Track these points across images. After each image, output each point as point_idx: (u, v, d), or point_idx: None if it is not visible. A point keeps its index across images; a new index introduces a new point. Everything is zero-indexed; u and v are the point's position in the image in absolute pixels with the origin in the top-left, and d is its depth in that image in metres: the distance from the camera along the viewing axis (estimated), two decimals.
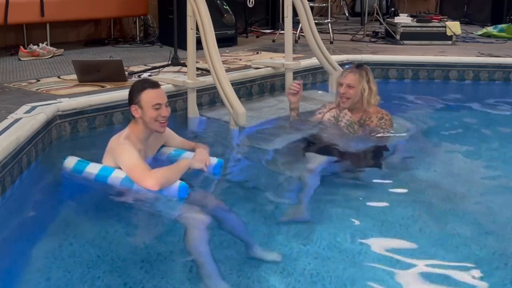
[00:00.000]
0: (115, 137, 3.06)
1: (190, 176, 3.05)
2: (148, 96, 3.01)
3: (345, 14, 9.95)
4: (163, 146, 3.31)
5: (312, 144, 3.69)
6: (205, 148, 3.28)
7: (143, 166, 2.87)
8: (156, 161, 3.19)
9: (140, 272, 2.45)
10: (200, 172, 3.12)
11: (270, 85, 5.30)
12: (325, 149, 3.55)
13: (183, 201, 2.84)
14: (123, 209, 2.91)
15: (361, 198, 3.17)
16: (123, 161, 2.92)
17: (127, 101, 3.12)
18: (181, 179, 2.91)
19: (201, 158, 3.11)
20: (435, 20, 7.33)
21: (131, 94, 3.06)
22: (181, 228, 2.62)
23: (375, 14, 7.83)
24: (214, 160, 3.22)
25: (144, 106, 3.01)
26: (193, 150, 3.28)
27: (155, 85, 3.08)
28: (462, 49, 6.80)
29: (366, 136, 3.72)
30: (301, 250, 2.65)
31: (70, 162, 3.13)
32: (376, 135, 3.73)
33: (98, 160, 3.09)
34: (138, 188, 2.87)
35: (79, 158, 3.14)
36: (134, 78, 4.88)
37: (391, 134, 3.81)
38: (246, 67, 5.40)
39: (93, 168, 3.03)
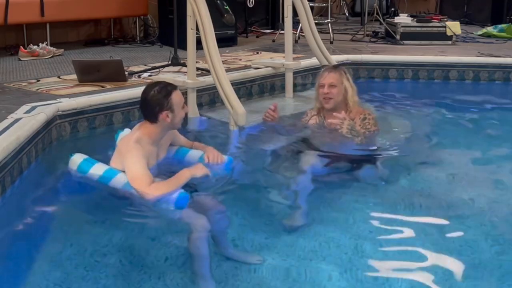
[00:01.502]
0: (125, 138, 3.03)
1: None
2: (177, 98, 3.02)
3: (345, 14, 9.95)
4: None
5: (304, 146, 3.68)
6: (205, 147, 3.30)
7: (145, 177, 2.82)
8: (165, 159, 3.17)
9: (139, 274, 2.45)
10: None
11: (270, 85, 5.30)
12: (317, 151, 3.54)
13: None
14: (123, 210, 2.89)
15: (356, 199, 3.17)
16: (128, 166, 2.88)
17: (127, 101, 3.11)
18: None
19: (212, 156, 3.15)
20: (435, 20, 7.33)
21: (159, 102, 2.98)
22: (181, 230, 2.62)
23: (375, 14, 7.83)
24: (224, 158, 3.20)
25: (176, 109, 3.00)
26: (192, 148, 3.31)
27: (174, 86, 3.09)
28: (462, 49, 6.80)
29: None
30: (297, 251, 2.65)
31: (76, 160, 3.08)
32: (367, 136, 3.68)
33: (101, 159, 3.09)
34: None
35: (85, 157, 3.10)
36: (134, 78, 4.89)
37: (389, 134, 3.79)
38: (246, 67, 5.40)
39: (97, 170, 3.00)
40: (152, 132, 3.02)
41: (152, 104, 3.00)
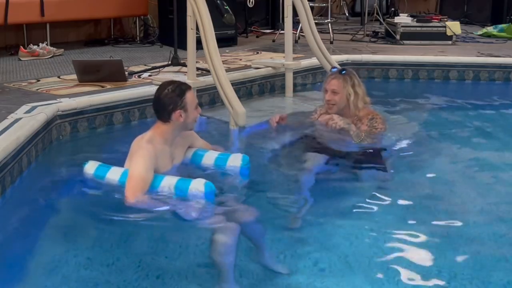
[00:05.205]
0: (138, 138, 2.99)
1: (216, 180, 2.98)
2: (190, 98, 3.00)
3: (345, 14, 9.95)
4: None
5: (309, 144, 3.68)
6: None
7: (141, 183, 2.80)
8: (183, 163, 3.14)
9: (136, 272, 2.44)
10: (226, 175, 3.11)
11: (270, 85, 5.31)
12: (322, 150, 3.54)
13: (211, 207, 2.78)
14: (128, 210, 2.88)
15: (358, 198, 3.16)
16: (133, 164, 2.87)
17: (127, 101, 3.10)
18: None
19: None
20: (435, 20, 7.33)
21: (172, 101, 2.96)
22: (204, 235, 2.61)
23: (375, 14, 7.83)
24: (238, 158, 3.13)
25: (189, 109, 2.98)
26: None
27: (188, 85, 3.07)
28: (462, 49, 6.80)
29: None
30: (299, 252, 2.64)
31: (91, 167, 3.06)
32: (372, 137, 3.69)
33: (102, 159, 3.09)
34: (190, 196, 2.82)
35: (100, 163, 3.08)
36: (134, 78, 4.89)
37: (389, 135, 3.80)
38: (246, 67, 5.41)
39: (114, 174, 2.99)
40: (165, 132, 3.00)
41: (166, 103, 2.97)
